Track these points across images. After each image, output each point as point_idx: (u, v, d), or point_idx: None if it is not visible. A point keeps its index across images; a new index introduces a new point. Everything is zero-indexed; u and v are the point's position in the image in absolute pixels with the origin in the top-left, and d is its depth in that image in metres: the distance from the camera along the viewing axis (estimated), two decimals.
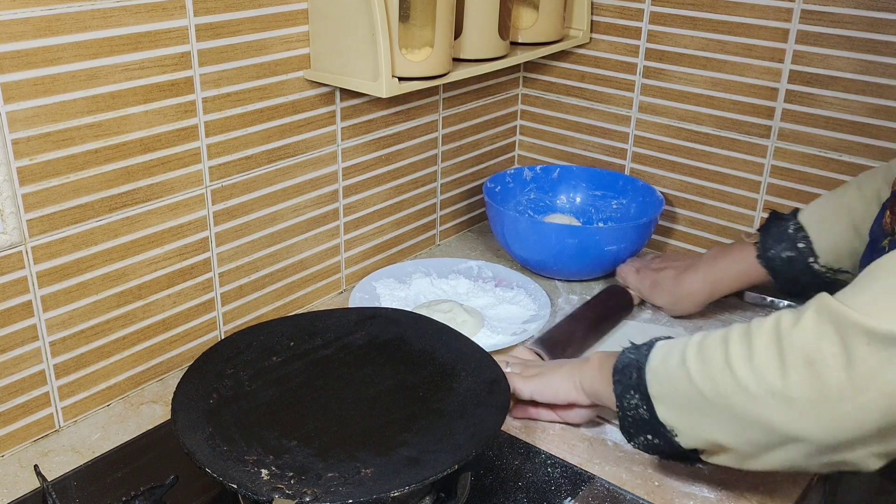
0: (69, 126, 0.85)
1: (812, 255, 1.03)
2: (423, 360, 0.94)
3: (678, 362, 0.77)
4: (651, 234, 1.27)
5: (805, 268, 1.04)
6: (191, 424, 0.81)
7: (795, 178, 1.23)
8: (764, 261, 1.07)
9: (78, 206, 0.89)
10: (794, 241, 1.04)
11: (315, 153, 1.12)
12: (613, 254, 1.22)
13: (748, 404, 0.71)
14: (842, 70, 1.14)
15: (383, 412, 0.86)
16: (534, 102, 1.46)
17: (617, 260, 1.24)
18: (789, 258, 1.05)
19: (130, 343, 0.98)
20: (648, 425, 0.80)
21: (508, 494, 0.86)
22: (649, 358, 0.80)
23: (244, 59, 0.99)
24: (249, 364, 0.91)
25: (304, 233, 1.15)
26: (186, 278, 1.02)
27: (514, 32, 1.24)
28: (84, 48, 0.84)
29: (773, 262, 1.06)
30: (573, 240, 1.21)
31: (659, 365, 0.79)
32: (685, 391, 0.76)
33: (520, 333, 1.12)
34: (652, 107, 1.33)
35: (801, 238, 1.04)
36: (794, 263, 1.05)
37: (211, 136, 0.99)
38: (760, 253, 1.07)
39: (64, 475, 0.87)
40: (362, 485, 0.75)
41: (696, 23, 1.24)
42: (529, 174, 1.41)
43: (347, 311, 1.03)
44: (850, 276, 1.00)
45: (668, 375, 0.78)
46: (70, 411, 0.95)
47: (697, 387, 0.75)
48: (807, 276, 1.05)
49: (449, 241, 1.43)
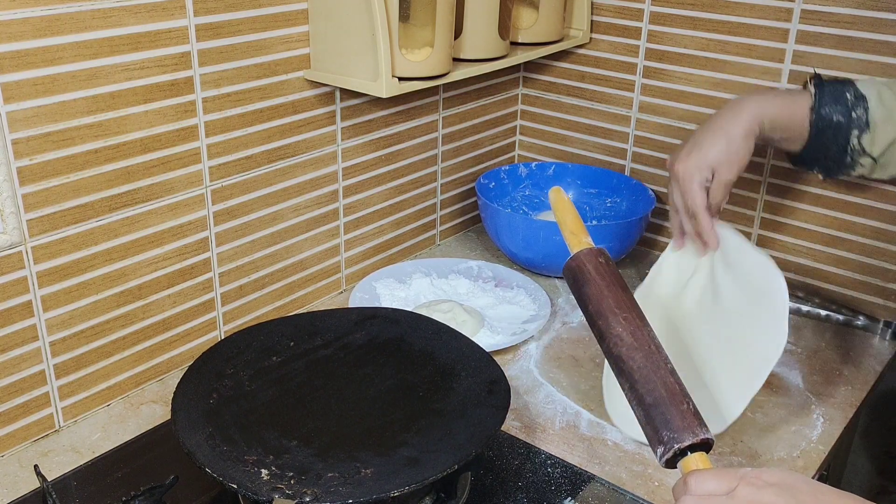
0: (69, 126, 0.85)
1: (860, 129, 0.94)
2: (423, 360, 0.94)
3: None
4: (641, 232, 1.27)
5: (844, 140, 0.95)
6: (191, 424, 0.81)
7: (795, 178, 1.23)
8: (816, 116, 0.95)
9: (78, 206, 0.89)
10: (850, 108, 0.95)
11: (315, 153, 1.12)
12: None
13: None
14: (842, 70, 1.14)
15: (383, 412, 0.86)
16: (534, 102, 1.46)
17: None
18: (839, 123, 0.95)
19: (130, 343, 0.98)
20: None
21: (508, 494, 0.86)
22: None
23: (244, 59, 0.99)
24: (249, 364, 0.91)
25: (304, 233, 1.15)
26: (186, 278, 1.02)
27: (514, 32, 1.24)
28: (84, 48, 0.84)
29: (822, 120, 0.95)
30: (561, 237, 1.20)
31: None
32: None
33: (520, 333, 1.12)
34: (652, 107, 1.33)
35: (859, 105, 0.95)
36: (838, 130, 0.95)
37: (211, 136, 0.99)
38: (815, 105, 0.96)
39: (64, 475, 0.87)
40: (362, 485, 0.75)
41: (696, 23, 1.24)
42: (525, 171, 1.41)
43: (347, 311, 1.03)
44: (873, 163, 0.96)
45: None
46: (70, 411, 0.95)
47: None
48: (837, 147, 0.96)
49: (449, 241, 1.43)
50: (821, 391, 1.04)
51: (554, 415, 0.99)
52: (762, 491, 0.60)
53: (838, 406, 1.01)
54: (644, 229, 1.28)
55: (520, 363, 1.08)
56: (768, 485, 0.60)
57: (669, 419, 0.67)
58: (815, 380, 1.06)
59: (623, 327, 0.73)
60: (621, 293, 0.76)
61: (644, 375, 0.70)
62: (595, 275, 0.77)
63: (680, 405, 0.68)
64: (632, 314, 0.74)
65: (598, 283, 0.76)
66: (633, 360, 0.71)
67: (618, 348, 0.72)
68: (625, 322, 0.73)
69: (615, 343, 0.73)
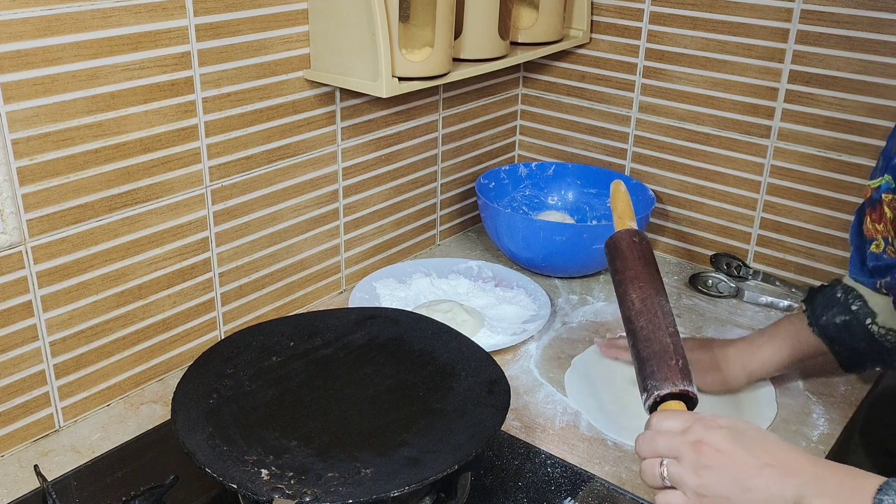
0: (69, 126, 0.85)
1: (869, 316, 0.93)
2: (423, 360, 0.94)
3: None
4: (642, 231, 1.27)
5: (864, 332, 0.93)
6: (191, 424, 0.81)
7: (795, 178, 1.23)
8: (818, 329, 0.95)
9: (78, 206, 0.89)
10: (846, 305, 0.94)
11: (315, 153, 1.12)
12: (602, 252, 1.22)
13: None
14: (841, 70, 1.14)
15: (383, 412, 0.86)
16: (534, 102, 1.46)
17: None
18: (844, 322, 0.94)
19: (130, 343, 0.98)
20: None
21: (508, 494, 0.86)
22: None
23: (244, 59, 0.99)
24: (249, 364, 0.91)
25: (304, 233, 1.15)
26: (186, 278, 1.02)
27: (514, 32, 1.24)
28: (84, 48, 0.84)
29: (828, 329, 0.94)
30: (561, 237, 1.21)
31: None
32: None
33: (520, 333, 1.12)
34: (652, 107, 1.33)
35: (853, 299, 0.94)
36: (851, 328, 0.94)
37: (211, 136, 0.99)
38: (811, 321, 0.95)
39: (64, 475, 0.87)
40: (362, 485, 0.75)
41: (696, 23, 1.24)
42: (525, 171, 1.41)
43: (347, 311, 1.03)
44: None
45: None
46: (70, 411, 0.95)
47: None
48: (865, 342, 0.94)
49: (449, 241, 1.43)
50: (821, 391, 1.04)
51: (554, 415, 0.99)
52: (712, 431, 0.65)
53: (838, 406, 1.01)
54: (645, 227, 1.28)
55: (520, 363, 1.08)
56: (720, 427, 0.65)
57: (656, 371, 0.73)
58: (815, 380, 1.05)
59: (637, 294, 0.80)
60: (642, 267, 0.83)
61: (645, 335, 0.76)
62: (626, 250, 0.85)
63: (669, 360, 0.73)
64: (647, 284, 0.81)
65: (627, 257, 0.84)
66: (638, 322, 0.78)
67: (628, 311, 0.80)
68: (640, 290, 0.80)
69: (628, 307, 0.80)
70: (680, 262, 1.37)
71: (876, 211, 0.82)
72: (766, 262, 1.29)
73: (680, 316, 1.19)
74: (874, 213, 0.81)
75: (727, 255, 1.32)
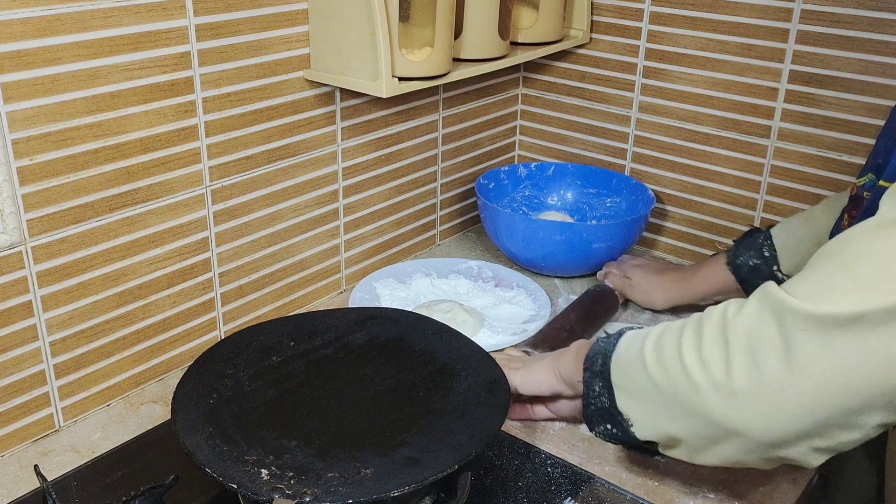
0: (69, 126, 0.85)
1: (776, 263, 1.06)
2: (423, 360, 0.94)
3: (638, 350, 0.77)
4: (640, 232, 1.27)
5: (770, 276, 1.06)
6: (191, 424, 0.81)
7: (795, 178, 1.23)
8: (732, 267, 1.09)
9: (78, 206, 0.89)
10: (760, 250, 1.07)
11: (315, 153, 1.12)
12: (601, 251, 1.23)
13: (694, 395, 0.70)
14: (842, 70, 1.14)
15: (383, 412, 0.86)
16: (534, 102, 1.46)
17: (606, 257, 1.24)
18: (755, 266, 1.07)
19: (130, 343, 0.98)
20: (609, 414, 0.80)
21: (508, 494, 0.86)
22: (616, 346, 0.80)
23: (244, 59, 0.99)
24: (249, 364, 0.91)
25: (304, 233, 1.15)
26: (186, 278, 1.02)
27: (514, 32, 1.24)
28: (84, 48, 0.84)
29: (741, 269, 1.08)
30: (560, 237, 1.21)
31: (623, 353, 0.79)
32: (641, 380, 0.75)
33: (520, 333, 1.12)
34: (652, 107, 1.33)
35: (767, 247, 1.07)
36: (759, 271, 1.07)
37: (211, 136, 0.99)
38: (730, 260, 1.10)
39: (64, 475, 0.87)
40: (362, 485, 0.75)
41: (696, 23, 1.24)
42: (524, 171, 1.41)
43: (347, 311, 1.03)
44: None
45: (628, 364, 0.78)
46: (70, 411, 0.95)
47: (651, 376, 0.74)
48: None
49: (449, 241, 1.43)
50: None
51: None
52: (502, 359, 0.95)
53: None
54: (643, 228, 1.28)
55: None
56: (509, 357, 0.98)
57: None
58: None
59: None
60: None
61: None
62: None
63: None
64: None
65: None
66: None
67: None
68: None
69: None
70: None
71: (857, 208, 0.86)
72: None
73: (680, 316, 1.19)
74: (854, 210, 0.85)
75: None
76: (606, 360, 0.80)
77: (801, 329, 0.64)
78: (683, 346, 0.72)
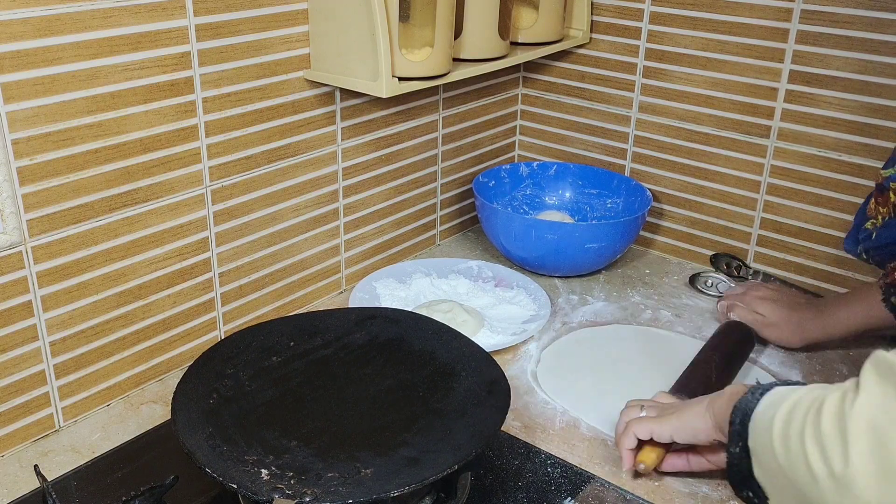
0: (69, 126, 0.85)
1: None
2: (423, 360, 0.94)
3: (770, 417, 0.67)
4: (636, 233, 1.27)
5: None
6: (191, 424, 0.81)
7: (795, 178, 1.23)
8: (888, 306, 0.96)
9: (78, 206, 0.89)
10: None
11: (315, 153, 1.12)
12: (595, 251, 1.23)
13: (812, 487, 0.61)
14: (841, 70, 1.14)
15: (383, 412, 0.86)
16: (534, 102, 1.46)
17: (601, 258, 1.24)
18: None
19: (130, 343, 0.98)
20: (748, 481, 0.70)
21: (508, 494, 0.86)
22: (758, 405, 0.70)
23: (244, 59, 0.99)
24: (249, 364, 0.91)
25: (304, 233, 1.15)
26: (186, 278, 1.02)
27: (514, 32, 1.24)
28: (84, 48, 0.84)
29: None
30: (553, 236, 1.21)
31: (759, 418, 0.69)
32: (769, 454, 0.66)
33: (520, 333, 1.12)
34: (652, 107, 1.33)
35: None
36: None
37: (211, 136, 0.99)
38: (885, 297, 0.96)
39: (64, 475, 0.87)
40: (362, 485, 0.75)
41: (696, 23, 1.24)
42: (526, 170, 1.41)
43: (347, 311, 1.03)
44: None
45: (763, 431, 0.68)
46: (70, 411, 0.95)
47: (777, 455, 0.65)
48: None
49: (449, 241, 1.43)
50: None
51: (554, 415, 0.99)
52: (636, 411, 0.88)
53: None
54: (639, 230, 1.28)
55: (520, 363, 1.08)
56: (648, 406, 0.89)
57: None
58: (815, 379, 1.05)
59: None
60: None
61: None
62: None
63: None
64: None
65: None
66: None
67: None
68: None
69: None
70: (680, 261, 1.37)
71: (882, 196, 0.87)
72: (766, 262, 1.29)
73: (680, 316, 1.20)
74: (881, 198, 0.86)
75: (727, 255, 1.32)
76: (745, 420, 0.71)
77: None
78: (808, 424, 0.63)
